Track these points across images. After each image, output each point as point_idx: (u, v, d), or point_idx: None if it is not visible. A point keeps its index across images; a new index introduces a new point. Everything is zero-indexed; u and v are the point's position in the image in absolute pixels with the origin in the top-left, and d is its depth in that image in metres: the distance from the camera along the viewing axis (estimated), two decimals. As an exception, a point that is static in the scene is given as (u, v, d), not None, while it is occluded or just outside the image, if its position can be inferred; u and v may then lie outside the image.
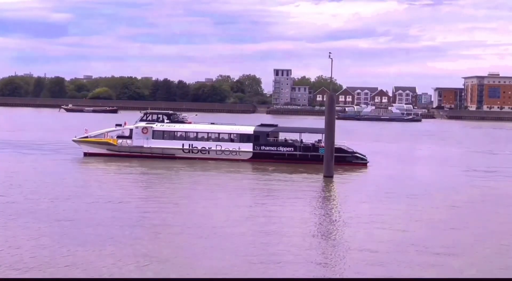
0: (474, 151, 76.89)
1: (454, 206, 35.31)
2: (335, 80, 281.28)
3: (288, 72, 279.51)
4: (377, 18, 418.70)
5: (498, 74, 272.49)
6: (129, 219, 29.30)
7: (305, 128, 62.29)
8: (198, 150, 57.17)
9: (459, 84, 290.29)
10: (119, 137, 58.61)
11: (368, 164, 54.80)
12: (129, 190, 39.11)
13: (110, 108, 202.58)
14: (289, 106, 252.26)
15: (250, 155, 56.44)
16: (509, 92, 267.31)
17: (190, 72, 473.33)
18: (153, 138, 57.77)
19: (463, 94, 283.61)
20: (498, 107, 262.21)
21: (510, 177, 49.66)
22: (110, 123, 70.23)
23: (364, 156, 55.79)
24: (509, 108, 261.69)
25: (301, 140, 57.12)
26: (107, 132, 59.63)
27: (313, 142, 56.75)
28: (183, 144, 57.46)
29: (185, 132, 58.16)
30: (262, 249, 24.03)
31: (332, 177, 46.25)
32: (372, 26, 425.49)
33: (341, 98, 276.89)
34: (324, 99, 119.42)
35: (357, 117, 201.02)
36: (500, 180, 48.09)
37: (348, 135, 73.89)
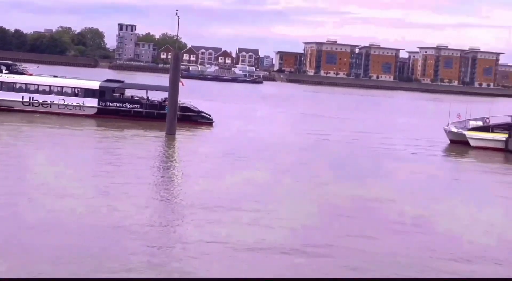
0: (308, 113, 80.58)
1: (292, 165, 37.20)
2: (180, 38, 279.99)
3: (133, 27, 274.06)
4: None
5: (336, 41, 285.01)
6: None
7: (151, 86, 61.91)
8: (39, 104, 55.10)
9: (300, 49, 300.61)
10: (-48, 86, 54.95)
11: (213, 123, 55.88)
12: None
13: None
14: (132, 62, 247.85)
15: (95, 110, 55.33)
16: (345, 59, 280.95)
17: (28, 21, 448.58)
18: (-10, 89, 54.81)
19: (302, 58, 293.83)
20: (334, 73, 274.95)
21: (336, 140, 52.88)
22: None
23: (210, 115, 56.71)
24: (344, 74, 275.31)
25: (148, 97, 56.87)
26: None
27: (160, 100, 56.67)
28: (23, 97, 55.08)
29: (26, 84, 55.71)
30: (98, 209, 23.50)
31: (174, 134, 46.88)
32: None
33: (185, 57, 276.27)
34: (169, 57, 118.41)
35: (201, 76, 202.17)
36: (330, 139, 51.09)
37: (192, 94, 74.37)
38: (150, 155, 37.87)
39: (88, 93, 55.81)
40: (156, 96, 57.44)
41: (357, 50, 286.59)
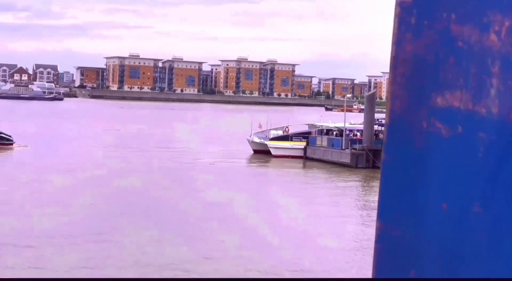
0: (109, 129, 79.59)
1: (96, 183, 36.78)
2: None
3: None
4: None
5: (139, 56, 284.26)
6: None
7: None
8: None
9: (101, 64, 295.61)
10: None
11: (14, 144, 53.51)
12: None
13: None
14: None
15: None
16: (149, 73, 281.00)
17: None
18: None
19: (105, 74, 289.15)
20: (138, 87, 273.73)
21: (136, 151, 53.11)
22: None
23: (10, 136, 54.24)
24: (148, 88, 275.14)
25: None
26: None
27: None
28: None
29: None
30: None
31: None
32: (12, 0, 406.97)
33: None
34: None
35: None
36: (133, 153, 51.23)
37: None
38: None
39: None
40: None
41: (160, 64, 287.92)
